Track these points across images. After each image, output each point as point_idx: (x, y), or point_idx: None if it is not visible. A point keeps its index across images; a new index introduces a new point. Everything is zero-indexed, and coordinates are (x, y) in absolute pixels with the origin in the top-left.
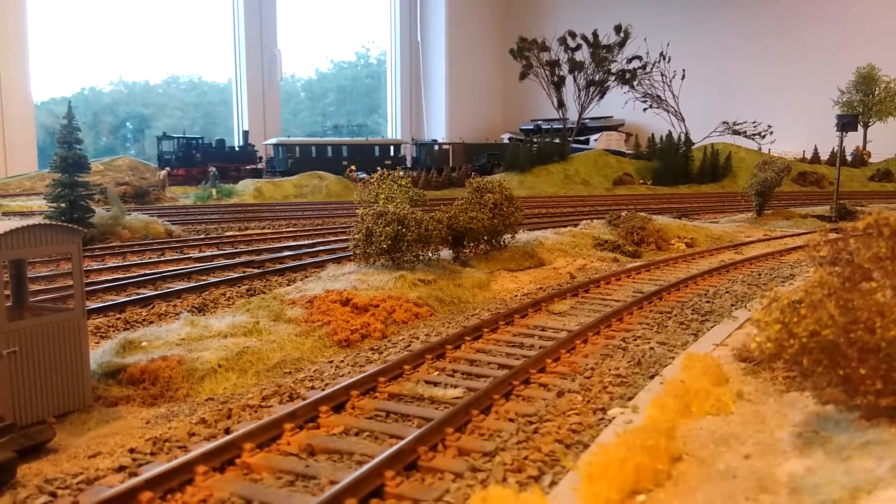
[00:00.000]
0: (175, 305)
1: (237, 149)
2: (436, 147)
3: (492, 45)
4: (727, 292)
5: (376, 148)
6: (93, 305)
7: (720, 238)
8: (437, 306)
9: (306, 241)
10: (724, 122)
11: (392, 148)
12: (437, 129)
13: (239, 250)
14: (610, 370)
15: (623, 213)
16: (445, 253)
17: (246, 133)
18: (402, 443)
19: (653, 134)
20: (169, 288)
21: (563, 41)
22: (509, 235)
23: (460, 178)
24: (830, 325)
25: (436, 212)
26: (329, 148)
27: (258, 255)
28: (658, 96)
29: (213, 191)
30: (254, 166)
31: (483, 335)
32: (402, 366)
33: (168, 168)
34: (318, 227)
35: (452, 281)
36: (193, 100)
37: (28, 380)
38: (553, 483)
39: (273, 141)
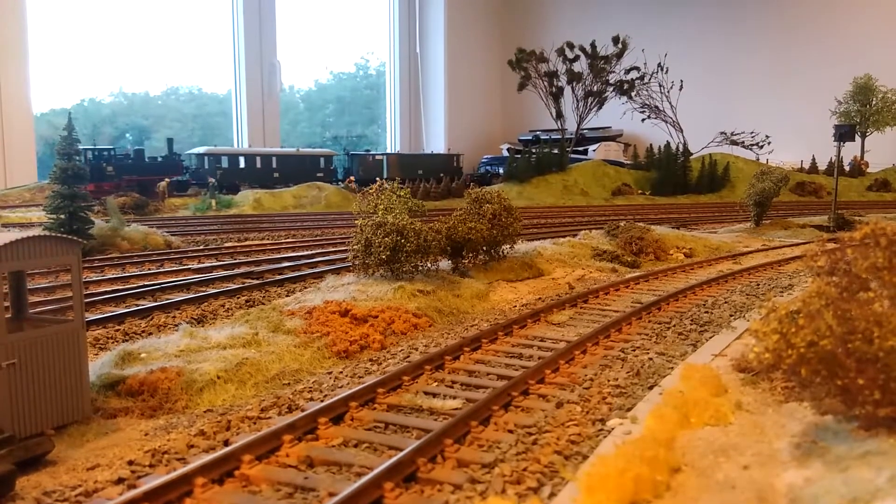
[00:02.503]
0: (174, 317)
1: (160, 159)
2: (369, 158)
3: (490, 57)
4: (726, 303)
5: (306, 159)
6: (92, 317)
7: (718, 248)
8: (436, 317)
9: (305, 252)
10: (722, 133)
11: (323, 159)
12: (437, 140)
13: (238, 261)
14: (609, 381)
15: (622, 224)
16: (444, 263)
17: (170, 141)
18: (401, 454)
19: (651, 144)
20: (168, 299)
21: (561, 52)
22: (508, 246)
23: (459, 188)
24: (828, 336)
25: (435, 222)
26: (258, 159)
27: (257, 266)
28: (656, 107)
29: (213, 202)
30: (179, 178)
31: (482, 346)
32: (401, 377)
33: (167, 179)
34: (317, 237)
35: (451, 291)
36: (193, 111)
37: (27, 391)
38: (552, 494)
39: (201, 150)
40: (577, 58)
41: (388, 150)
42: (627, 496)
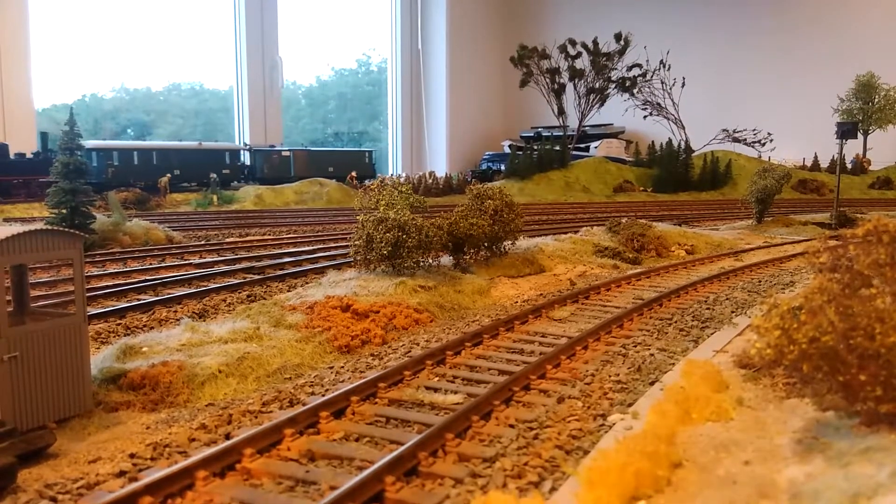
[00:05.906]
0: (176, 311)
1: (30, 156)
2: (274, 155)
3: (492, 53)
4: (727, 299)
5: (209, 155)
6: (94, 311)
7: (720, 245)
8: (437, 312)
9: (307, 248)
10: (724, 130)
11: (228, 154)
12: (438, 137)
13: (239, 256)
14: (610, 376)
15: (623, 220)
16: (446, 259)
17: (44, 136)
18: (402, 448)
19: (653, 141)
20: (169, 294)
21: (563, 49)
22: (510, 242)
23: (460, 184)
24: (830, 332)
25: (436, 218)
26: (154, 154)
27: (259, 261)
28: (658, 104)
29: (214, 197)
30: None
31: (483, 341)
32: (403, 371)
33: (169, 175)
34: (319, 233)
35: (453, 287)
36: (195, 107)
37: (29, 385)
38: (553, 489)
39: (89, 144)
40: (579, 54)
41: (296, 147)
42: (628, 491)
